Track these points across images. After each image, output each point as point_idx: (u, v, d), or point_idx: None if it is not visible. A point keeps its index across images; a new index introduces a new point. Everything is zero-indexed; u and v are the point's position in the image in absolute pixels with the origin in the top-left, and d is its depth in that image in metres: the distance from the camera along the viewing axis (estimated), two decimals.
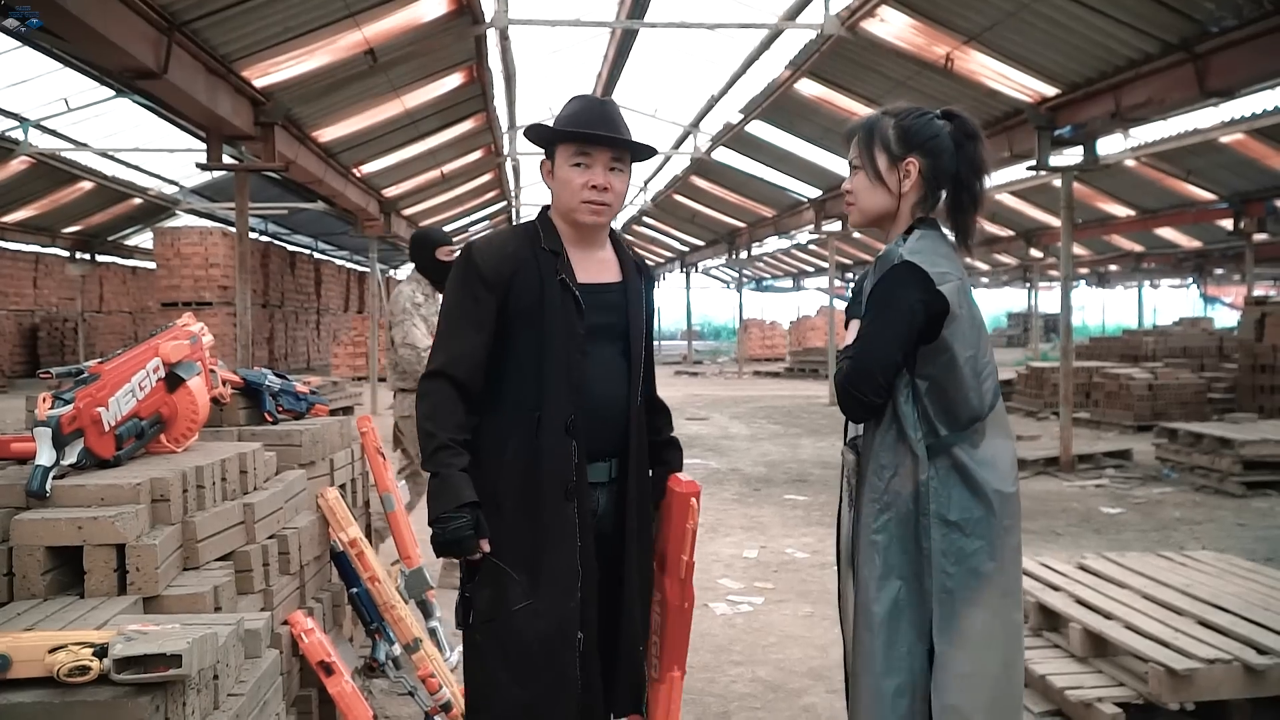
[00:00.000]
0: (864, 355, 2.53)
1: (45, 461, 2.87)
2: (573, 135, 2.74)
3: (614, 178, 2.76)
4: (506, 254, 2.74)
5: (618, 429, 2.77)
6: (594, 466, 2.74)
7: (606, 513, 2.78)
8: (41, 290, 26.45)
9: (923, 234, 2.59)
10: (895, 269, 2.52)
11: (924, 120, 2.61)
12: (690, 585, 2.85)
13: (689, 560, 2.82)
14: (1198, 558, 5.25)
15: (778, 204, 21.99)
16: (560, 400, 2.65)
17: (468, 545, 2.57)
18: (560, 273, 2.71)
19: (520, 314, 2.69)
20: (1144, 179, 18.09)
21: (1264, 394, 14.14)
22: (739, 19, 12.16)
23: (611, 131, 2.74)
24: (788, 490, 9.73)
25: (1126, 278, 37.80)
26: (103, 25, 6.80)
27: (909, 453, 2.53)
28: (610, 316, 2.78)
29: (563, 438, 2.65)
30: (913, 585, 2.52)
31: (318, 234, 29.02)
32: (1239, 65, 8.34)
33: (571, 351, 2.67)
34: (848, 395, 2.55)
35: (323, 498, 4.19)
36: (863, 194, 2.67)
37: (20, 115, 15.25)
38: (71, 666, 2.15)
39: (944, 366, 2.53)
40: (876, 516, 2.55)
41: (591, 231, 2.81)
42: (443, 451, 2.60)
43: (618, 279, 2.84)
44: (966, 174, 2.62)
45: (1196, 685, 3.80)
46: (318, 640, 3.44)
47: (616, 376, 2.77)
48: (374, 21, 10.13)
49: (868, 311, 2.57)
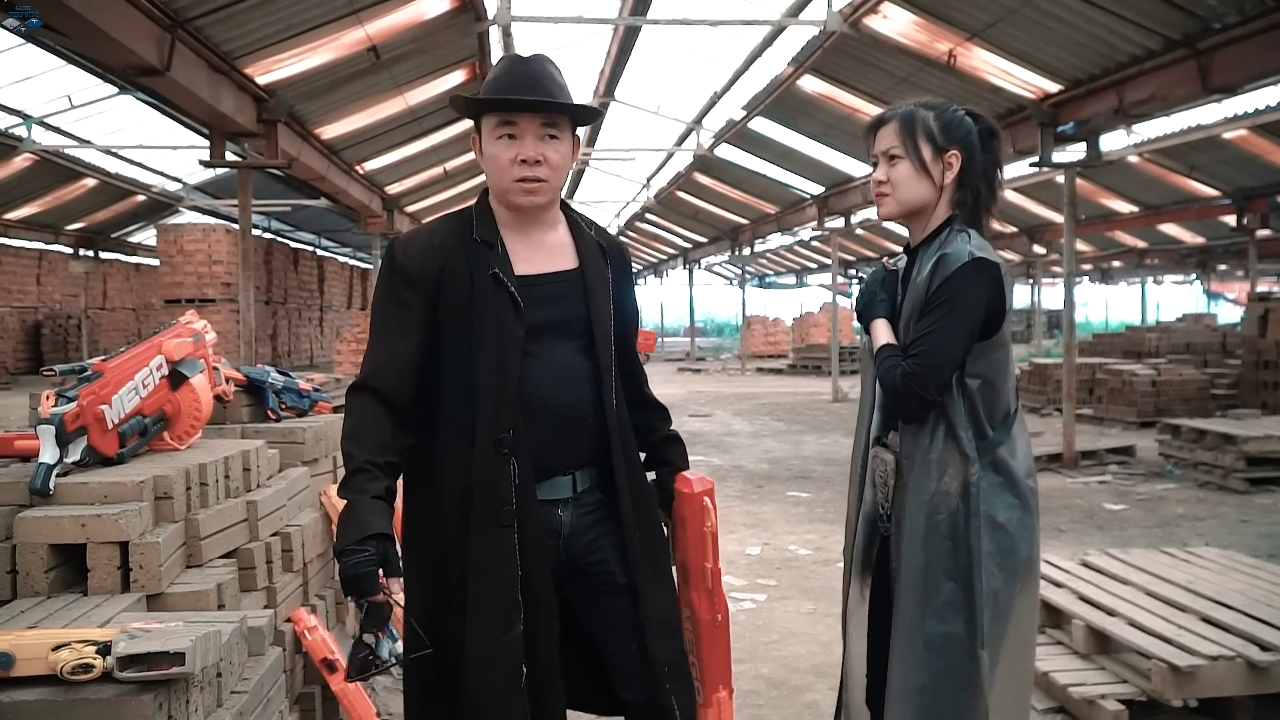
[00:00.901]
0: (934, 353, 2.43)
1: (49, 459, 2.87)
2: (491, 103, 2.35)
3: (548, 148, 2.36)
4: (433, 248, 2.38)
5: (583, 437, 2.41)
6: (552, 482, 2.40)
7: (577, 531, 2.43)
8: (45, 287, 26.45)
9: (969, 231, 2.55)
10: (967, 266, 2.43)
11: (960, 115, 2.59)
12: (720, 594, 2.57)
13: (713, 567, 2.55)
14: (1201, 554, 5.25)
15: (781, 200, 21.98)
16: (491, 413, 2.29)
17: (367, 584, 2.17)
18: (492, 265, 2.35)
19: (451, 315, 2.34)
20: (1147, 175, 18.08)
21: (1267, 390, 14.12)
22: (742, 15, 12.16)
23: (538, 94, 2.33)
24: (790, 487, 9.73)
25: (1130, 274, 37.76)
26: (106, 22, 6.81)
27: (958, 453, 2.46)
28: (562, 310, 2.42)
29: (493, 456, 2.29)
30: (963, 587, 2.45)
31: (321, 231, 29.08)
32: (1242, 62, 8.33)
33: (506, 355, 2.31)
34: (911, 395, 2.43)
35: (325, 495, 4.20)
36: (905, 184, 2.57)
37: (24, 112, 15.27)
38: (75, 664, 2.15)
39: (997, 364, 2.50)
40: (928, 519, 2.47)
41: (532, 213, 2.43)
42: (358, 475, 2.25)
43: (572, 265, 2.46)
44: (990, 171, 2.61)
45: (1200, 682, 3.79)
46: (321, 637, 3.45)
47: (576, 378, 2.41)
48: (377, 18, 10.13)
49: (935, 308, 2.44)
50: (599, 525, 2.46)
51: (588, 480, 2.45)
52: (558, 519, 2.42)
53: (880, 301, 2.63)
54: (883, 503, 2.62)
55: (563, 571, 2.42)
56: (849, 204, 18.59)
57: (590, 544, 2.45)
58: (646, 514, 2.50)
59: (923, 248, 2.58)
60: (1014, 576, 2.49)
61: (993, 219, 2.65)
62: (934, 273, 2.48)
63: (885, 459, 2.59)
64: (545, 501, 2.38)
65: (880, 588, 2.64)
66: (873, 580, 2.68)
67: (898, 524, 2.53)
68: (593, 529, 2.45)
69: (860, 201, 17.95)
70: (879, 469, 2.62)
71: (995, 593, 2.46)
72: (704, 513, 2.54)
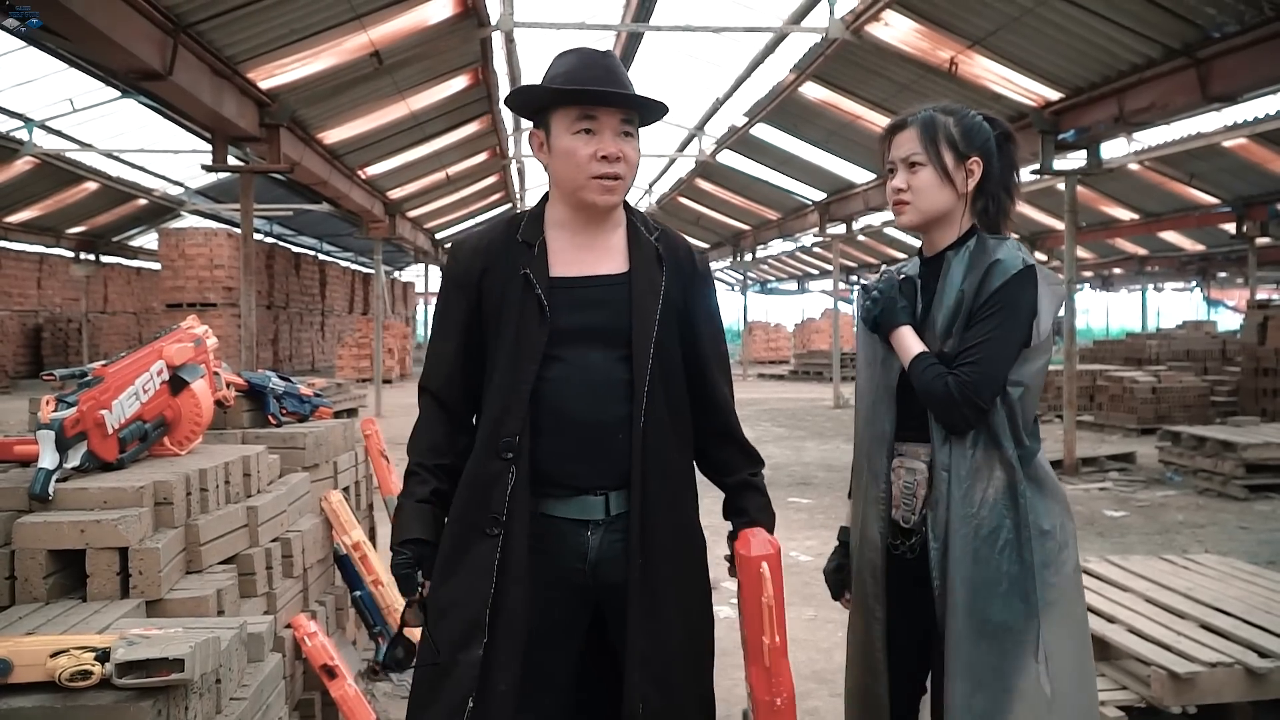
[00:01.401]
0: (991, 360, 2.36)
1: (48, 464, 2.86)
2: (575, 95, 2.24)
3: (626, 145, 2.27)
4: (479, 249, 2.33)
5: (612, 454, 2.25)
6: (579, 501, 2.26)
7: (606, 558, 2.27)
8: (45, 291, 26.48)
9: (1009, 238, 2.51)
10: (1023, 274, 2.39)
11: (980, 121, 2.54)
12: (782, 674, 2.30)
13: (771, 643, 2.28)
14: (1200, 561, 5.25)
15: (782, 207, 22.00)
16: (498, 414, 2.22)
17: (407, 585, 2.22)
18: (525, 266, 2.26)
19: (489, 317, 2.29)
20: (1147, 183, 18.09)
21: (1267, 397, 14.13)
22: (744, 22, 12.17)
23: (619, 87, 2.25)
24: (792, 493, 9.72)
25: (1130, 281, 37.73)
26: (108, 26, 6.82)
27: (1001, 463, 2.38)
28: (601, 315, 2.28)
29: (491, 460, 2.21)
30: (1020, 602, 2.36)
31: (323, 235, 29.12)
32: (1241, 70, 8.35)
33: (523, 358, 2.22)
34: (969, 404, 2.34)
35: (326, 501, 4.19)
36: (928, 192, 2.49)
37: (25, 115, 15.29)
38: (73, 671, 2.14)
39: (1036, 372, 2.44)
40: (976, 533, 2.37)
41: (598, 213, 2.31)
42: (409, 478, 2.30)
43: (620, 270, 2.32)
44: (1007, 177, 2.57)
45: (1198, 689, 3.79)
46: (321, 644, 3.44)
47: (607, 389, 2.25)
48: (380, 24, 10.15)
49: (990, 315, 2.38)
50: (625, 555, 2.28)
51: (622, 504, 2.27)
52: (585, 541, 2.27)
53: (902, 308, 2.52)
54: (907, 515, 2.49)
55: (593, 597, 2.30)
56: (850, 210, 18.60)
57: (616, 575, 2.27)
58: (662, 548, 2.27)
59: (951, 254, 2.50)
60: (1067, 582, 2.42)
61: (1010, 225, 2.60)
62: (985, 279, 2.41)
63: (913, 468, 2.48)
64: (573, 522, 2.26)
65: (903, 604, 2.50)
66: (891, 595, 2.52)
67: (940, 540, 2.41)
68: (619, 559, 2.27)
69: (862, 208, 17.97)
70: (904, 479, 2.49)
71: (1052, 604, 2.38)
72: (760, 582, 2.29)
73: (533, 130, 2.35)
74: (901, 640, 2.51)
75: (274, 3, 8.60)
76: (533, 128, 2.35)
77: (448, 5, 10.57)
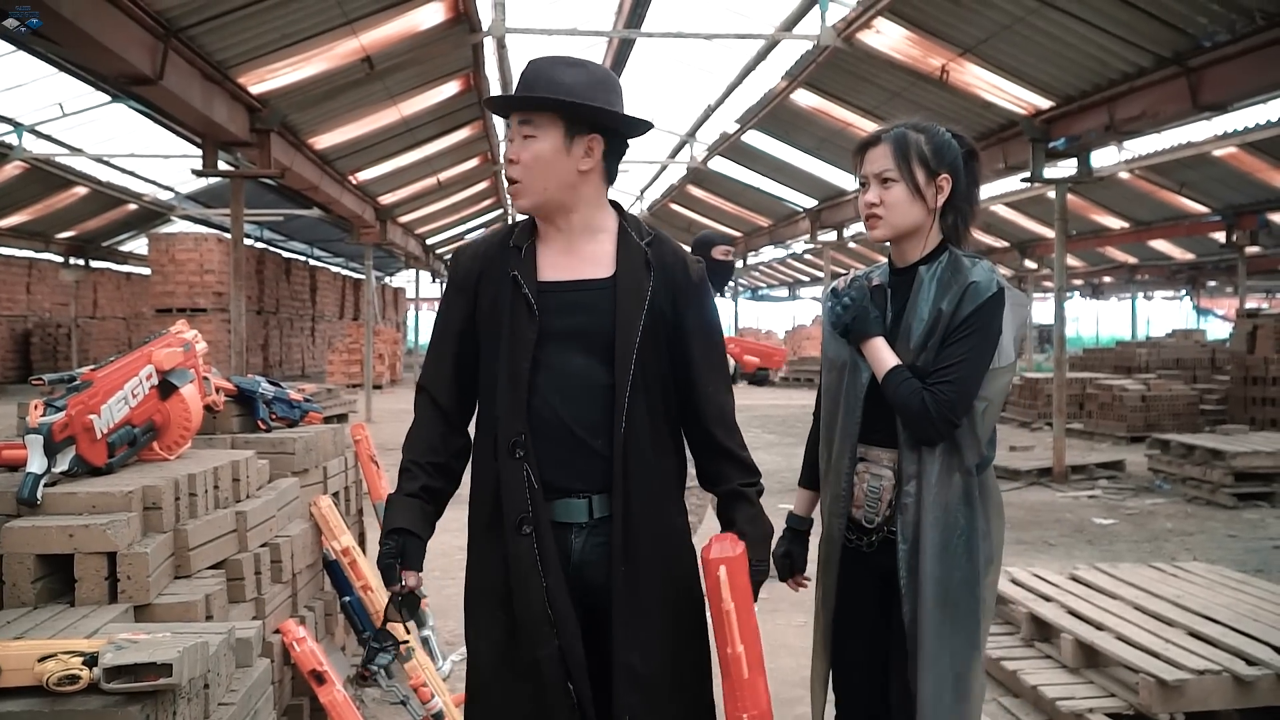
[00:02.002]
0: (966, 381, 2.47)
1: (36, 469, 2.86)
2: (493, 105, 2.43)
3: (522, 148, 2.27)
4: (477, 254, 2.39)
5: (592, 458, 2.27)
6: (565, 503, 2.28)
7: (588, 561, 2.28)
8: (35, 296, 26.38)
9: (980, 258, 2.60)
10: (997, 296, 2.49)
11: (949, 139, 2.62)
12: (751, 688, 2.16)
13: (734, 653, 2.16)
14: (1189, 569, 5.26)
15: (774, 214, 22.06)
16: (506, 416, 2.25)
17: (388, 576, 2.25)
18: (514, 269, 2.30)
19: (483, 320, 2.34)
20: (1137, 191, 18.16)
21: (1256, 406, 14.18)
22: (736, 29, 12.21)
23: (527, 90, 2.26)
24: (782, 500, 9.69)
25: (1120, 289, 37.88)
26: (99, 31, 6.81)
27: (961, 470, 2.51)
28: (583, 320, 2.29)
29: (509, 461, 2.24)
30: (974, 600, 2.53)
31: (313, 240, 29.08)
32: (1231, 79, 8.39)
33: (517, 360, 2.25)
34: (944, 420, 2.45)
35: (315, 506, 4.18)
36: (899, 208, 2.57)
37: (15, 120, 15.24)
38: (61, 675, 2.14)
39: (1002, 390, 2.56)
40: (943, 535, 2.50)
41: (553, 218, 2.34)
42: (401, 475, 2.36)
43: (605, 275, 2.32)
44: (971, 192, 2.66)
45: (1186, 696, 3.80)
46: (309, 649, 3.43)
47: (587, 393, 2.27)
48: (371, 29, 10.15)
49: (967, 336, 2.48)
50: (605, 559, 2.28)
51: (605, 508, 2.28)
52: (569, 544, 2.28)
53: (875, 319, 2.58)
54: (870, 517, 2.60)
55: (578, 599, 2.28)
56: (841, 217, 18.65)
57: (599, 578, 2.28)
58: (644, 556, 2.27)
59: (924, 268, 2.58)
60: (992, 589, 2.62)
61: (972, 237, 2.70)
62: (962, 300, 2.49)
63: (880, 474, 2.58)
64: (559, 524, 2.27)
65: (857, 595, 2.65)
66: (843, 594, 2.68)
67: (908, 541, 2.51)
68: (603, 562, 2.28)
69: (852, 215, 18.01)
70: (869, 484, 2.59)
71: (988, 606, 2.59)
72: (718, 586, 2.19)
73: None
74: (852, 628, 2.67)
75: (265, 8, 8.60)
76: None
77: (439, 11, 10.58)
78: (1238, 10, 7.81)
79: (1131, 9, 8.31)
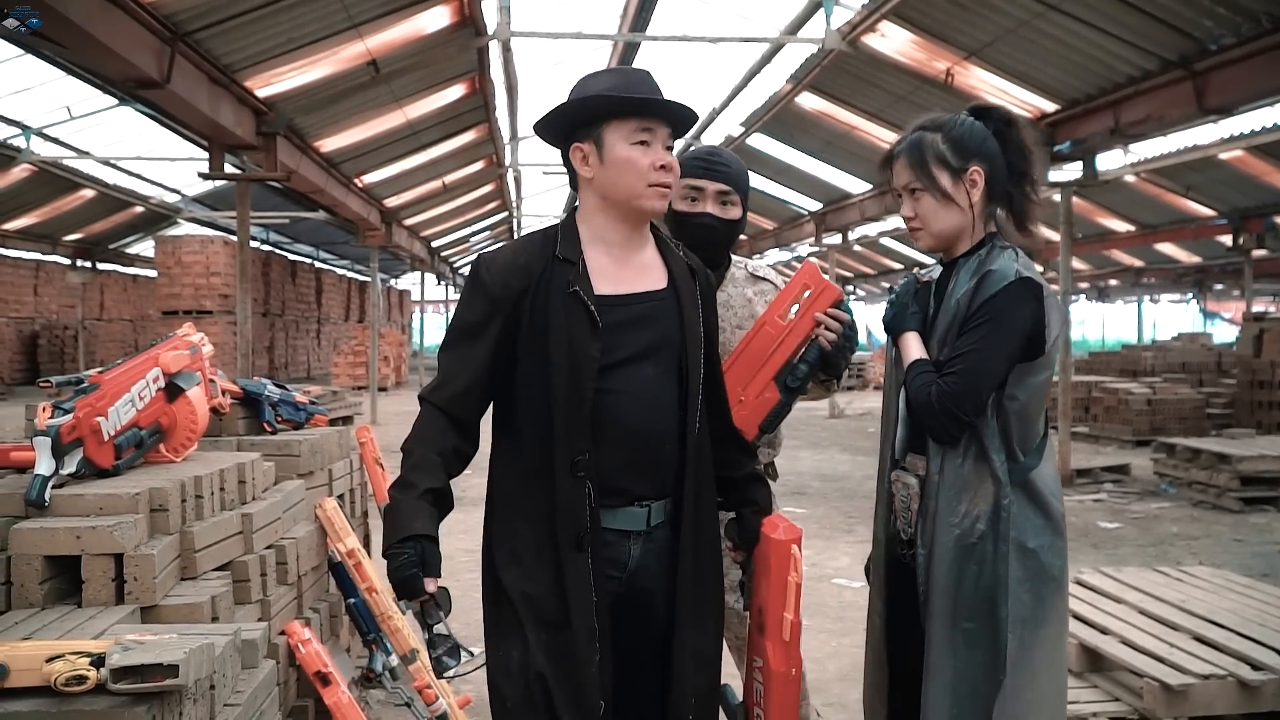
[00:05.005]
0: (973, 372, 2.36)
1: (44, 471, 2.87)
2: (639, 106, 2.29)
3: (670, 156, 2.34)
4: (517, 267, 2.30)
5: (661, 466, 2.32)
6: (625, 512, 2.30)
7: (642, 567, 2.33)
8: (42, 298, 26.43)
9: (1014, 249, 2.50)
10: (1013, 285, 2.38)
11: (969, 125, 2.50)
12: (797, 649, 2.45)
13: (794, 620, 2.42)
14: (1194, 573, 5.26)
15: (778, 217, 22.04)
16: (566, 434, 2.23)
17: (413, 585, 2.14)
18: (572, 284, 2.26)
19: (530, 336, 2.27)
20: (1143, 195, 18.12)
21: (1262, 410, 14.16)
22: (741, 33, 12.22)
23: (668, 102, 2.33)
24: (786, 503, 9.72)
25: (1126, 292, 37.82)
26: (106, 35, 6.83)
27: (990, 477, 2.39)
28: (649, 331, 2.32)
29: (569, 479, 2.22)
30: (989, 614, 2.39)
31: (319, 243, 29.09)
32: (1237, 83, 8.37)
33: (581, 375, 2.23)
34: (947, 414, 2.36)
35: (321, 508, 4.20)
36: (933, 217, 2.49)
37: (23, 123, 15.28)
38: (68, 676, 2.15)
39: (1036, 388, 2.43)
40: (957, 543, 2.40)
41: (642, 225, 2.38)
42: (408, 474, 2.24)
43: (661, 285, 2.37)
44: (1016, 160, 2.52)
45: (1191, 701, 3.80)
46: (315, 650, 3.45)
47: (661, 403, 2.31)
48: (377, 33, 10.16)
49: (977, 326, 2.39)
50: (663, 561, 2.34)
51: (662, 514, 2.33)
52: (626, 551, 2.31)
53: (912, 314, 2.54)
54: (905, 528, 2.52)
55: (619, 605, 2.31)
56: (847, 220, 18.63)
57: (650, 581, 2.34)
58: (707, 549, 2.38)
59: (961, 261, 2.51)
60: (1043, 602, 2.42)
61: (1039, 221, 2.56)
62: (976, 289, 2.42)
63: (908, 482, 2.50)
64: (615, 531, 2.29)
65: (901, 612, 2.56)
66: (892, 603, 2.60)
67: (926, 548, 2.44)
68: (656, 565, 2.34)
69: (858, 218, 18.00)
70: (900, 493, 2.53)
71: (1024, 620, 2.39)
72: (790, 562, 2.41)
73: (575, 145, 2.33)
74: (903, 641, 2.56)
75: (271, 12, 8.61)
76: (577, 143, 2.33)
77: (445, 14, 10.59)
78: (1243, 13, 7.80)
79: (1137, 12, 8.30)
